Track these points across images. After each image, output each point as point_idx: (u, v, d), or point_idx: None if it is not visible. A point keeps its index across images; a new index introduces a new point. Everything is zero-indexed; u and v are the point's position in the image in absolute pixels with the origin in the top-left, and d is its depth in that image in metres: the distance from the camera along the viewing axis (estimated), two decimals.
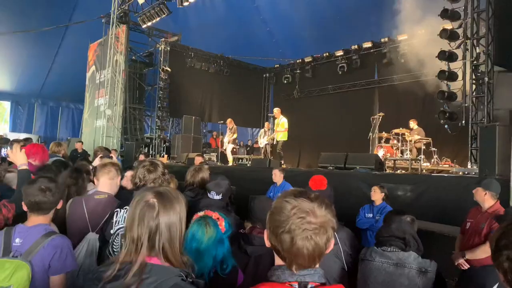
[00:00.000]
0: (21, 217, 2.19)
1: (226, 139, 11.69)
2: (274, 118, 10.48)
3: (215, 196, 2.81)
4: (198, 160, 6.59)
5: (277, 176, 6.17)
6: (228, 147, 11.55)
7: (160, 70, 14.18)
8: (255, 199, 2.39)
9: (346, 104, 13.60)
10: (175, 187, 3.45)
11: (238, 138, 12.87)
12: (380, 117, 9.88)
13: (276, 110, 10.42)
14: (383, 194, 4.86)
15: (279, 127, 10.18)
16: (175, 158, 13.12)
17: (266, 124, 12.11)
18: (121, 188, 3.08)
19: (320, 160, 8.27)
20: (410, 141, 8.92)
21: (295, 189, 1.28)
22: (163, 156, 13.43)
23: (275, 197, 6.74)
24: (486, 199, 3.37)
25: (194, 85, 15.00)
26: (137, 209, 1.45)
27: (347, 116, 13.38)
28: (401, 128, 9.31)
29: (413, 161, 8.25)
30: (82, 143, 10.24)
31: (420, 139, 8.91)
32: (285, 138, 10.27)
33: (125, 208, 2.38)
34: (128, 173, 3.62)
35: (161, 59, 14.31)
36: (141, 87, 15.81)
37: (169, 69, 14.17)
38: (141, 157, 8.24)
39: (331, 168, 7.68)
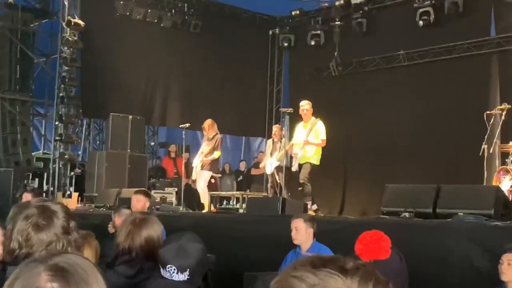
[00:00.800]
0: None
1: (197, 160, 11.76)
2: (289, 114, 10.76)
3: (175, 274, 2.87)
4: (140, 202, 6.60)
5: (301, 233, 6.13)
6: (201, 177, 11.63)
7: (64, 24, 14.27)
8: (258, 282, 2.36)
9: (433, 88, 13.65)
10: (94, 258, 3.42)
11: (221, 158, 12.95)
12: (504, 113, 9.89)
13: (308, 105, 10.53)
14: None
15: (311, 138, 10.30)
16: (93, 199, 13.18)
17: (274, 128, 12.14)
18: None
19: (384, 198, 8.31)
20: None
21: (315, 255, 1.30)
22: (69, 196, 13.44)
23: None
24: None
25: (131, 54, 15.14)
26: None
27: (437, 111, 13.44)
28: None
29: None
30: None
31: None
32: (317, 162, 10.39)
33: None
34: None
35: (66, 3, 14.41)
36: (27, 59, 15.88)
37: (81, 22, 14.26)
38: (26, 198, 8.17)
39: (406, 215, 7.65)
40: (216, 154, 11.55)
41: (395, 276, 3.20)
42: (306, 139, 10.28)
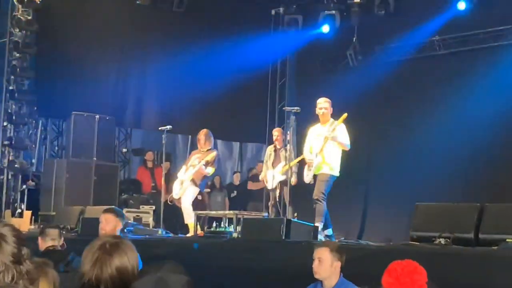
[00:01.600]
0: None
1: (184, 174, 11.81)
2: (296, 113, 10.74)
3: None
4: (109, 223, 6.56)
5: (326, 266, 6.12)
6: (187, 193, 11.67)
7: (15, 1, 14.29)
8: None
9: (475, 82, 13.66)
10: None
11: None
12: None
13: (327, 103, 10.58)
14: None
15: (330, 144, 10.31)
16: (50, 218, 13.16)
17: (275, 132, 12.15)
18: None
19: (415, 222, 8.38)
20: None
21: None
22: (20, 215, 13.46)
23: None
24: None
25: (100, 38, 15.18)
26: None
27: (479, 111, 13.42)
28: None
29: None
30: None
31: None
32: (338, 172, 10.43)
33: None
34: None
35: None
36: None
37: None
38: None
39: (441, 241, 7.69)
40: (210, 170, 11.71)
41: None
42: (330, 135, 10.23)
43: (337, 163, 10.37)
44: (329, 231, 10.25)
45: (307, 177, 10.45)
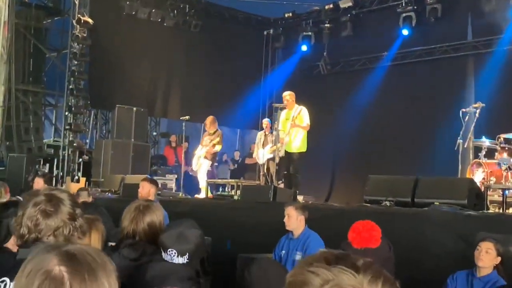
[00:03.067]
0: None
1: (200, 151, 11.77)
2: (283, 109, 10.56)
3: (176, 258, 2.88)
4: (145, 189, 6.48)
5: (293, 220, 6.12)
6: (203, 166, 11.65)
7: (75, 22, 14.21)
8: (251, 263, 2.38)
9: (414, 86, 13.69)
10: (100, 242, 3.44)
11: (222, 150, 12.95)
12: (478, 111, 9.90)
13: (289, 96, 10.50)
14: (498, 258, 4.85)
15: (294, 121, 10.26)
16: (100, 184, 13.22)
17: (265, 122, 12.15)
18: None
19: (367, 189, 8.33)
20: None
21: (327, 251, 1.31)
22: (77, 181, 13.48)
23: (292, 259, 6.59)
24: None
25: (136, 50, 15.11)
26: None
27: (417, 108, 13.50)
28: None
29: None
30: None
31: None
32: (304, 149, 10.38)
33: (3, 282, 2.34)
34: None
35: (76, 2, 14.34)
36: (39, 53, 15.84)
37: (90, 20, 14.20)
38: (37, 182, 8.13)
39: (387, 203, 7.71)
40: (218, 147, 11.69)
41: (383, 264, 3.23)
42: (293, 122, 10.19)
43: (302, 143, 10.30)
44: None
45: (280, 152, 10.40)
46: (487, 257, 4.84)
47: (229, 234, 7.84)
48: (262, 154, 11.37)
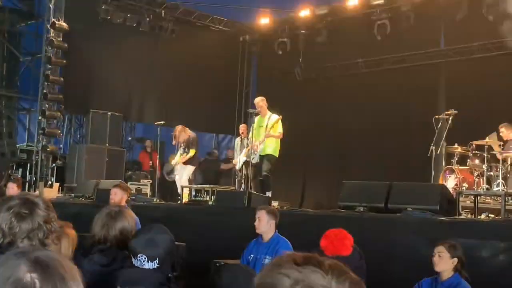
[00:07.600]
0: None
1: (177, 157, 11.69)
2: (257, 114, 10.57)
3: (146, 263, 2.87)
4: (117, 195, 6.47)
5: (263, 223, 6.12)
6: (185, 170, 11.53)
7: (49, 26, 14.08)
8: (223, 268, 2.38)
9: (388, 93, 13.81)
10: (71, 248, 3.42)
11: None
12: (450, 118, 10.04)
13: (261, 101, 10.54)
14: (454, 260, 4.89)
15: (268, 131, 10.30)
16: (73, 189, 13.08)
17: (242, 127, 12.14)
18: None
19: (341, 194, 8.38)
20: (505, 161, 9.03)
21: (294, 253, 1.32)
22: (50, 186, 13.35)
23: (261, 263, 6.55)
24: None
25: (111, 55, 15.01)
26: None
27: (390, 114, 13.59)
28: (487, 139, 9.43)
29: (510, 197, 8.34)
30: None
31: None
32: (276, 153, 10.42)
33: None
34: None
35: (51, 6, 14.21)
36: (13, 58, 15.64)
37: (65, 24, 14.08)
38: (11, 188, 8.04)
39: (361, 209, 7.77)
40: (191, 152, 11.53)
41: (354, 272, 3.26)
42: (267, 133, 10.28)
43: (275, 148, 10.37)
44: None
45: (254, 159, 10.43)
46: (440, 260, 4.90)
47: (204, 239, 7.81)
48: (240, 160, 11.35)
